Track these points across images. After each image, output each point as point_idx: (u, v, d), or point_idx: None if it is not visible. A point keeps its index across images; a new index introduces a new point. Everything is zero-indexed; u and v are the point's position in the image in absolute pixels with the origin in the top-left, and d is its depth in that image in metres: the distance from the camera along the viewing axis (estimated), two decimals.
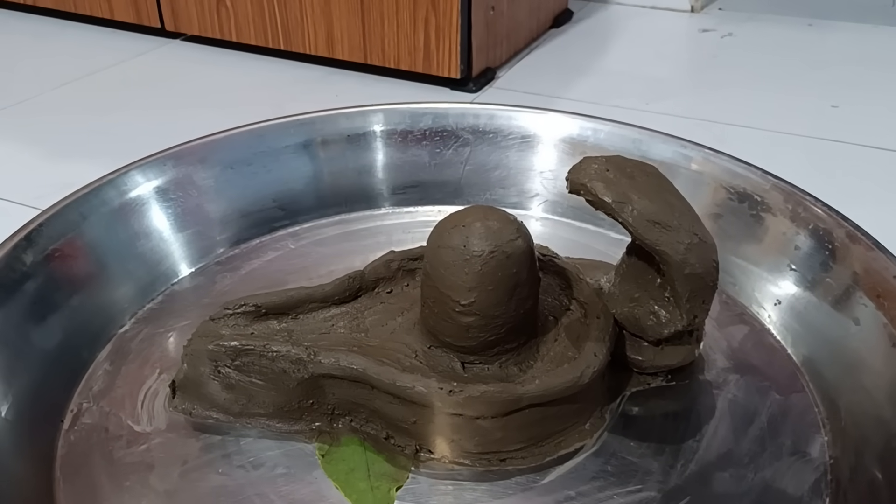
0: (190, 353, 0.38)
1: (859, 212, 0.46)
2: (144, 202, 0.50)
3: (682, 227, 0.35)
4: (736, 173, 0.50)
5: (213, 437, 0.38)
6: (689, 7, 1.17)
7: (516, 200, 0.56)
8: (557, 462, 0.36)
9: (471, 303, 0.35)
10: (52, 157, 0.75)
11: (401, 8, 0.86)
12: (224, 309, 0.39)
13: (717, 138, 0.78)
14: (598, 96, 0.88)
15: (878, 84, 0.91)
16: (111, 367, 0.42)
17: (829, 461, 0.37)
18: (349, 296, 0.41)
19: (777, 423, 0.39)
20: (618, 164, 0.36)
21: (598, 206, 0.35)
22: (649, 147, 0.52)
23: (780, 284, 0.46)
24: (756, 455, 0.37)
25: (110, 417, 0.39)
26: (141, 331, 0.45)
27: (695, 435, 0.38)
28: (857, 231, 0.43)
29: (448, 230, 0.36)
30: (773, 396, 0.40)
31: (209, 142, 0.53)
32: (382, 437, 0.37)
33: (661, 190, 0.36)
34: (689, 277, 0.35)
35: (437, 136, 0.57)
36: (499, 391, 0.34)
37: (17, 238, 0.42)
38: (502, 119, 0.57)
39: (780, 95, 0.89)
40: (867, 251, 0.42)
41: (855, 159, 0.74)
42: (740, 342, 0.44)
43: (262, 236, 0.53)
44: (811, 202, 0.46)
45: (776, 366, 0.42)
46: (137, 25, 1.06)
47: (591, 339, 0.37)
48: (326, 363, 0.36)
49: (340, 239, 0.53)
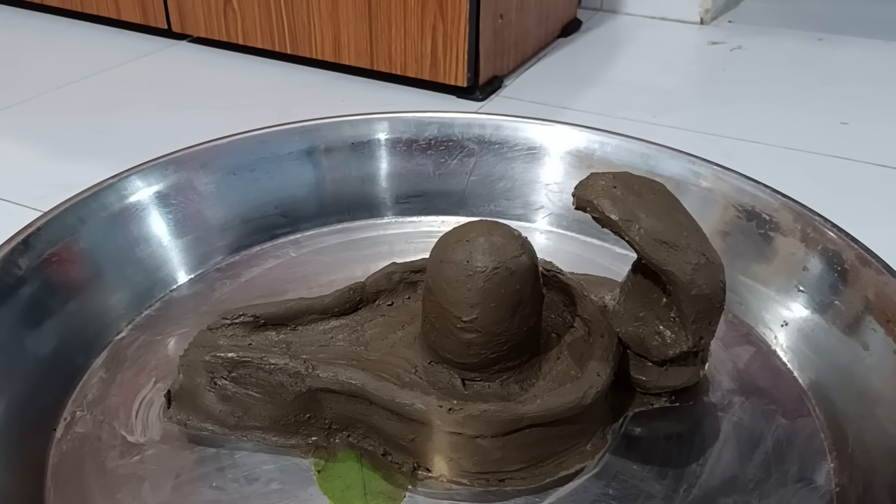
0: (186, 364, 0.37)
1: (866, 231, 0.45)
2: (144, 207, 0.49)
3: (689, 246, 0.34)
4: (745, 191, 0.49)
5: (208, 449, 0.37)
6: (698, 19, 1.16)
7: (521, 212, 0.55)
8: (558, 483, 0.35)
9: (473, 319, 0.35)
10: (55, 157, 0.75)
11: (408, 14, 0.85)
12: (222, 319, 0.39)
13: (725, 153, 0.77)
14: (605, 107, 0.88)
15: (888, 101, 0.90)
16: (106, 374, 0.42)
17: (835, 489, 0.36)
18: (349, 308, 0.40)
19: (782, 449, 0.38)
20: (625, 180, 0.36)
21: (605, 223, 0.35)
22: (657, 162, 0.52)
23: (789, 306, 0.45)
24: (761, 481, 0.36)
25: (104, 427, 0.38)
26: (138, 338, 0.44)
27: (698, 458, 0.37)
28: (867, 254, 0.42)
29: (451, 245, 0.35)
30: (779, 420, 0.39)
31: (211, 147, 0.53)
32: (380, 453, 0.36)
33: (669, 208, 0.36)
34: (696, 298, 0.34)
35: (443, 146, 0.56)
36: (499, 410, 0.34)
37: (13, 242, 0.42)
38: (508, 130, 0.57)
39: (789, 110, 0.88)
40: (878, 275, 0.41)
41: (864, 177, 0.73)
42: (746, 363, 0.43)
43: (262, 243, 0.52)
44: (821, 223, 0.45)
45: (782, 389, 0.41)
46: (144, 26, 1.06)
47: (595, 359, 0.36)
48: (324, 377, 0.35)
49: (342, 248, 0.52)
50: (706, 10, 1.15)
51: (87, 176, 0.49)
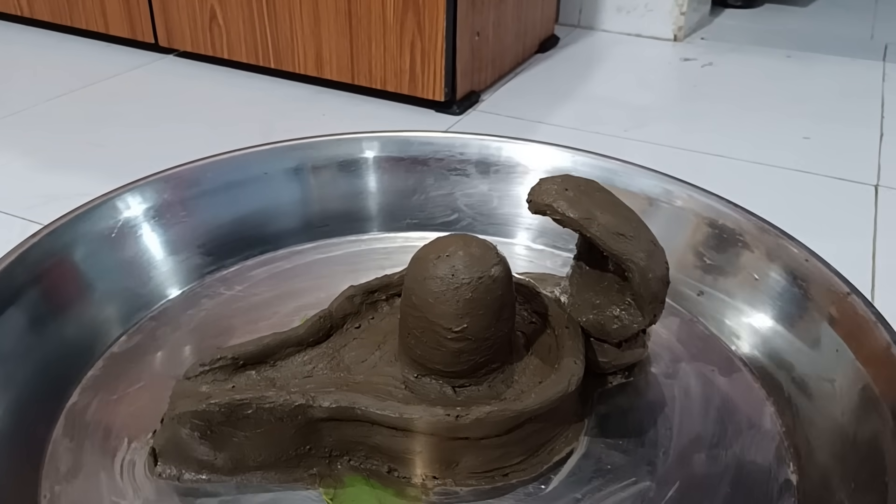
0: (177, 417, 0.36)
1: (820, 240, 0.48)
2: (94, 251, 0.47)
3: (640, 236, 0.38)
4: (713, 208, 0.51)
5: (209, 500, 0.36)
6: (672, 36, 1.20)
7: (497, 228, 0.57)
8: (553, 469, 0.38)
9: (463, 329, 0.36)
10: (44, 169, 0.75)
11: (388, 31, 0.88)
12: (199, 366, 0.38)
13: (693, 167, 0.80)
14: (578, 122, 0.91)
15: (849, 117, 0.95)
16: (72, 443, 0.39)
17: (781, 429, 0.41)
18: (322, 336, 0.41)
19: (729, 403, 0.43)
20: (573, 182, 0.39)
21: (566, 223, 0.38)
22: (631, 180, 0.54)
23: (703, 279, 0.50)
24: (722, 435, 0.41)
25: (90, 495, 0.36)
26: (91, 401, 0.42)
27: (666, 424, 0.41)
28: (767, 223, 0.48)
29: (432, 261, 0.37)
30: (719, 379, 0.44)
31: (177, 172, 0.52)
32: (384, 471, 0.37)
33: (614, 204, 0.39)
34: (652, 281, 0.38)
35: (421, 165, 0.58)
36: (502, 410, 0.36)
37: None
38: (488, 149, 0.58)
39: (755, 126, 0.92)
40: (778, 239, 0.47)
41: (824, 190, 0.77)
42: (676, 334, 0.48)
43: (199, 279, 0.51)
44: (778, 234, 0.48)
45: (712, 352, 0.46)
46: (132, 40, 1.08)
47: (567, 349, 0.39)
48: (327, 406, 0.36)
49: (322, 265, 0.53)
50: (679, 27, 1.19)
51: (76, 187, 0.50)
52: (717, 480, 0.38)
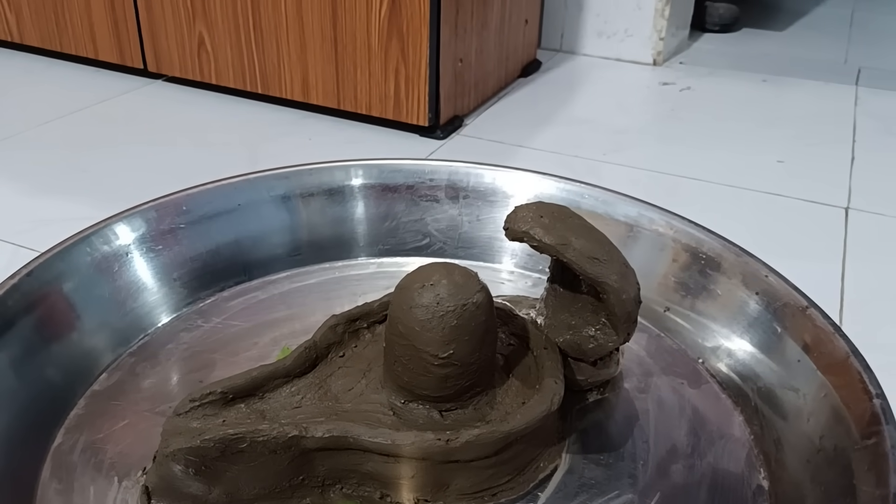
0: (171, 454, 0.36)
1: (794, 264, 0.50)
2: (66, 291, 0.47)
3: (612, 258, 0.40)
4: (679, 229, 0.53)
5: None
6: (651, 60, 1.22)
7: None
8: (539, 486, 0.39)
9: (449, 354, 0.38)
10: (34, 194, 0.76)
11: (373, 58, 0.90)
12: (189, 401, 0.38)
13: (668, 191, 0.82)
14: (559, 146, 0.92)
15: (822, 140, 0.97)
16: (61, 485, 0.39)
17: (750, 437, 0.43)
18: (308, 366, 0.42)
19: (699, 414, 0.45)
20: (547, 209, 0.41)
21: (542, 249, 0.39)
22: (614, 208, 0.55)
23: (670, 297, 0.52)
24: (696, 445, 0.43)
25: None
26: (76, 441, 0.42)
27: (643, 436, 0.43)
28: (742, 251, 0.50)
29: (417, 290, 0.38)
30: (688, 391, 0.46)
31: (151, 206, 0.53)
32: (377, 497, 0.38)
33: (586, 228, 0.41)
34: (626, 301, 0.40)
35: (404, 192, 0.59)
36: (491, 431, 0.37)
37: None
38: (457, 174, 0.59)
39: (730, 149, 0.93)
40: (737, 257, 0.50)
41: (796, 213, 0.79)
42: (645, 349, 0.49)
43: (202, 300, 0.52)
44: (739, 252, 0.50)
45: (680, 365, 0.48)
46: (121, 66, 1.09)
47: (547, 369, 0.41)
48: (320, 436, 0.36)
49: (297, 294, 0.54)
50: (658, 52, 1.21)
51: (65, 212, 0.50)
52: (695, 489, 0.40)
